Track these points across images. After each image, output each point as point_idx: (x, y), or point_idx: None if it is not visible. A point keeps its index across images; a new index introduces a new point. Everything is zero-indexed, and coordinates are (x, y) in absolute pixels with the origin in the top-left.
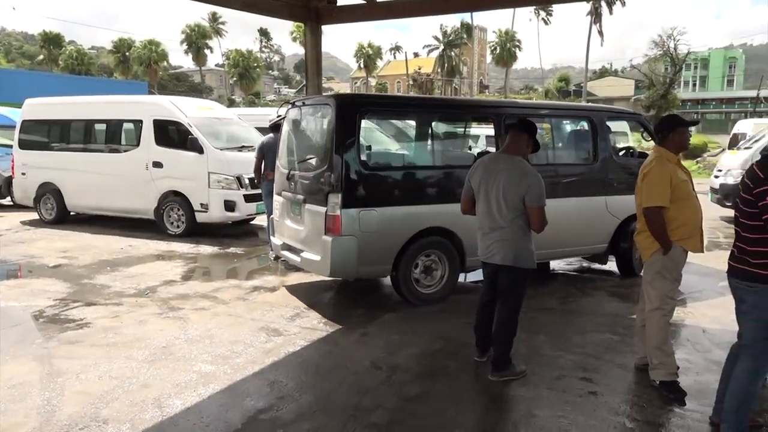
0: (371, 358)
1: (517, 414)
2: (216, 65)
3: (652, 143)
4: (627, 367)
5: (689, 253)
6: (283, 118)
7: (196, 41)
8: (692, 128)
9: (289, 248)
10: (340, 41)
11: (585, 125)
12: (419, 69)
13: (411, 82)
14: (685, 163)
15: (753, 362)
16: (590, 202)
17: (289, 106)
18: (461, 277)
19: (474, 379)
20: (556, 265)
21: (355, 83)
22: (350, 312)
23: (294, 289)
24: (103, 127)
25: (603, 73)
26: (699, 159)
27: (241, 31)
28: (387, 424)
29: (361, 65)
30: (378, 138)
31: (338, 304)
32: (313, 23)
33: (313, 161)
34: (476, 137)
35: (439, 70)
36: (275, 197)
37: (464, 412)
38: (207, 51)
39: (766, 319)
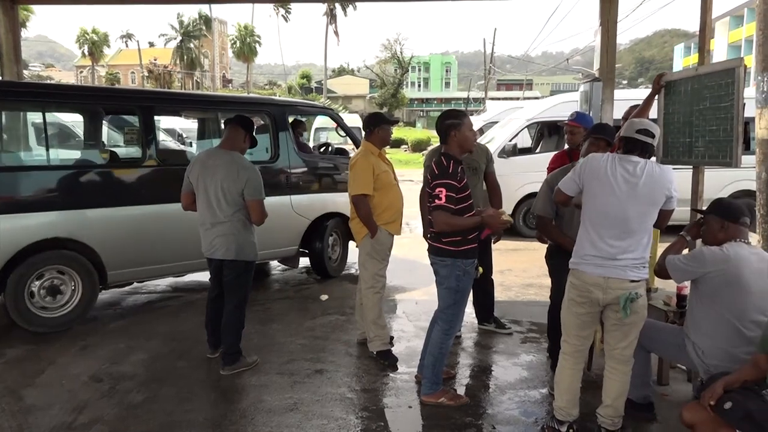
0: (91, 372)
1: (246, 402)
2: None
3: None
4: (350, 343)
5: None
6: None
7: None
8: (414, 126)
9: None
10: (62, 24)
11: (262, 120)
12: (155, 60)
13: (146, 74)
14: (412, 155)
15: (445, 324)
16: (272, 203)
17: None
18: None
19: (204, 376)
20: None
21: (81, 72)
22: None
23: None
24: None
25: (341, 71)
26: (424, 151)
27: None
28: None
29: (86, 52)
30: None
31: None
32: (6, 2)
33: None
34: (136, 131)
35: (178, 61)
36: None
37: (192, 410)
38: None
39: (454, 288)
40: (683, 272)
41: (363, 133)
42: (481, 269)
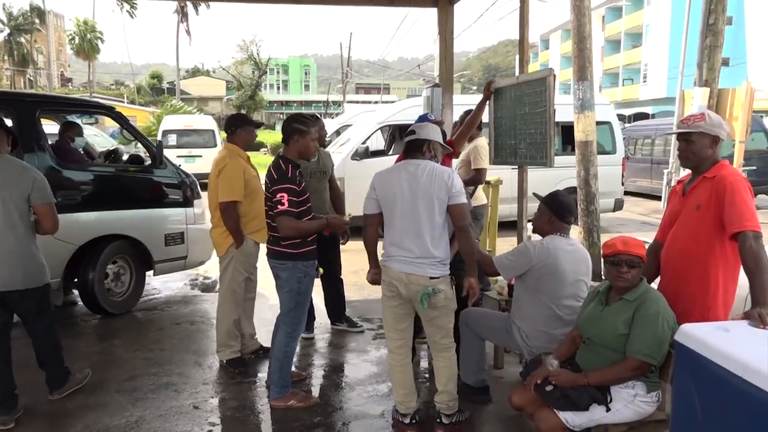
0: None
1: (81, 426)
2: None
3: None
4: (200, 353)
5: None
6: None
7: None
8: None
9: None
10: None
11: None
12: None
13: None
14: (272, 158)
15: (289, 327)
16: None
17: None
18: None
19: (30, 403)
20: None
21: None
22: None
23: None
24: None
25: (195, 72)
26: None
27: None
28: None
29: None
30: None
31: None
32: None
33: None
34: None
35: (6, 57)
36: None
37: None
38: None
39: (296, 290)
40: (511, 269)
41: (224, 134)
42: (321, 270)
